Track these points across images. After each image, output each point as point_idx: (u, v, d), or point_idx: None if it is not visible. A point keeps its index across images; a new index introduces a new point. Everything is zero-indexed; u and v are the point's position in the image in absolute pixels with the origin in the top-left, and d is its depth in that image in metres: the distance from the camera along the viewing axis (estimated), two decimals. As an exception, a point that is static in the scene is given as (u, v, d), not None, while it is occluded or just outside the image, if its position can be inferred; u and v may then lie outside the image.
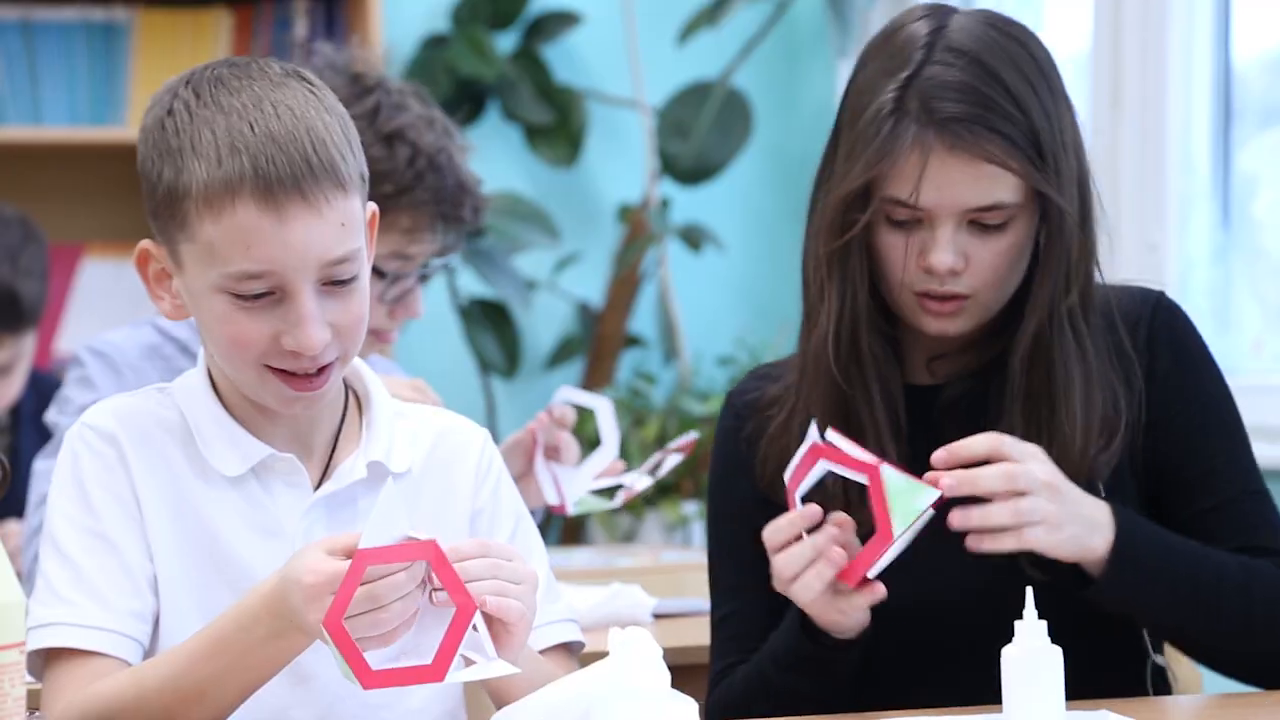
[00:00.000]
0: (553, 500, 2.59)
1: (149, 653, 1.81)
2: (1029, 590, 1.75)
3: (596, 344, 4.55)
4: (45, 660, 1.80)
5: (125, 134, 4.08)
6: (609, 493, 2.62)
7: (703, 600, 2.64)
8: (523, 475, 2.61)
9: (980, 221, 1.95)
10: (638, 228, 4.51)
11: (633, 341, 4.61)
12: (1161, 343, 2.05)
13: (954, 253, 1.95)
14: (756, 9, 4.52)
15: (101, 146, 4.12)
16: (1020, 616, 1.73)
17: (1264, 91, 3.78)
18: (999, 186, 1.94)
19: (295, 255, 1.73)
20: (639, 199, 4.56)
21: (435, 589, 1.65)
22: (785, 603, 1.95)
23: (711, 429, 4.33)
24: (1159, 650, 2.07)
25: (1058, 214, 1.97)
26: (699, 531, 4.20)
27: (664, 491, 4.26)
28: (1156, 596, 1.94)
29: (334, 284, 1.77)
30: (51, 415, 2.66)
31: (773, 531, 1.91)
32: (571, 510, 2.59)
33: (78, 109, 4.14)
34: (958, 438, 1.93)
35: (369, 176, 1.83)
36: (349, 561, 1.61)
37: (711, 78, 4.48)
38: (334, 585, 1.61)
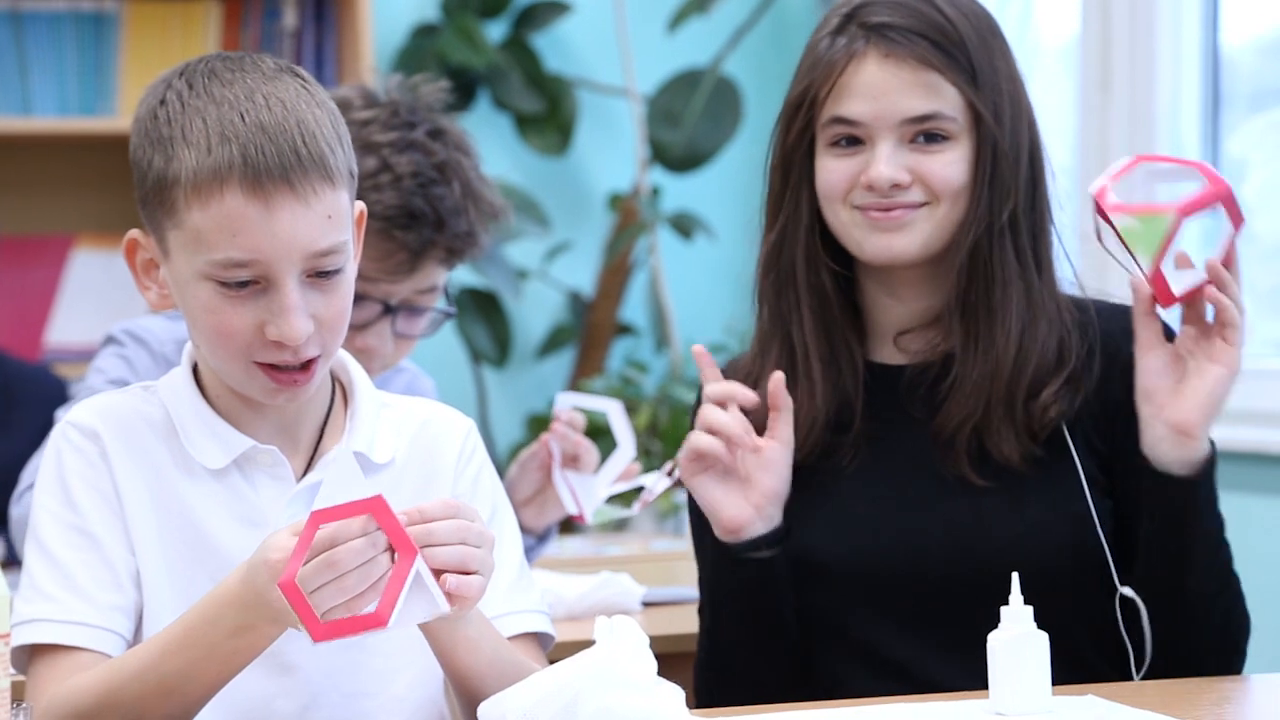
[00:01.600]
0: (573, 510, 2.59)
1: (134, 645, 1.81)
2: (1014, 575, 1.75)
3: (588, 333, 4.55)
4: (30, 655, 1.81)
5: (115, 125, 4.08)
6: (627, 498, 2.62)
7: (693, 589, 2.65)
8: (541, 488, 2.61)
9: (923, 133, 1.98)
10: (628, 216, 4.51)
11: (624, 330, 4.61)
12: (1126, 354, 2.03)
13: (894, 165, 1.98)
14: (746, -4, 4.52)
15: (91, 137, 4.11)
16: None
17: (1252, 76, 3.78)
18: (935, 96, 1.98)
19: (281, 245, 1.74)
20: (629, 187, 4.56)
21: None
22: None
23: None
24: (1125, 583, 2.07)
25: (991, 139, 1.99)
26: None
27: (656, 479, 4.26)
28: (1212, 523, 1.99)
29: (318, 276, 1.78)
30: (79, 386, 2.66)
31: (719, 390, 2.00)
32: (591, 520, 2.59)
33: (67, 100, 4.13)
34: (923, 414, 1.94)
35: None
36: None
37: (702, 66, 4.48)
38: None
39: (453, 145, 2.54)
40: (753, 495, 2.01)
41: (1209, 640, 1.97)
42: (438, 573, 1.65)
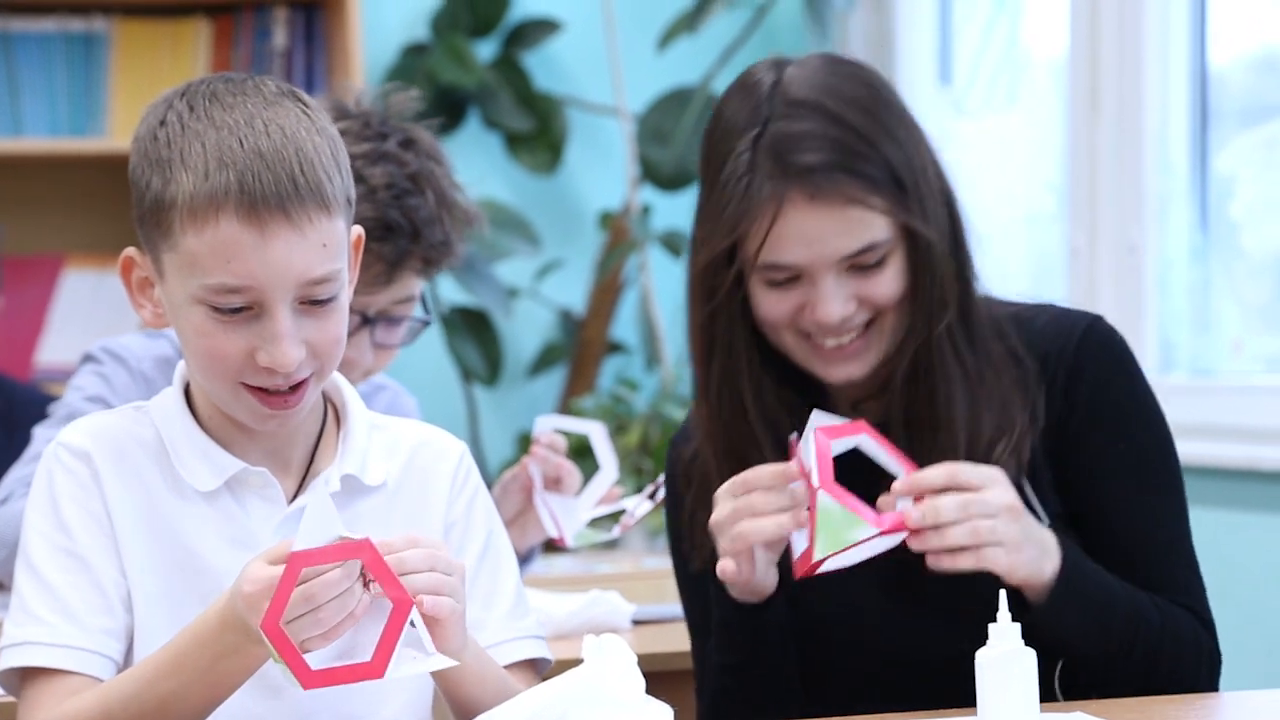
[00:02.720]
0: (553, 533, 2.58)
1: (125, 669, 1.81)
2: (1002, 593, 1.75)
3: (578, 351, 4.55)
4: (20, 679, 1.81)
5: (105, 145, 4.08)
6: (608, 521, 2.62)
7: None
8: (523, 511, 2.60)
9: (859, 264, 1.92)
10: (619, 234, 4.52)
11: (615, 348, 4.61)
12: (1085, 371, 2.01)
13: (841, 301, 1.92)
14: (735, 15, 4.52)
15: (81, 157, 4.12)
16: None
17: (1241, 93, 3.79)
18: (867, 228, 1.91)
19: (275, 273, 1.74)
20: (620, 206, 4.57)
21: (372, 582, 1.66)
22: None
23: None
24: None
25: (925, 243, 1.93)
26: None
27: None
28: (1085, 626, 1.92)
29: (312, 304, 1.78)
30: (58, 404, 2.66)
31: (756, 474, 1.90)
32: (571, 542, 2.59)
33: (57, 120, 4.14)
34: (883, 472, 1.92)
35: None
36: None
37: (691, 84, 4.49)
38: (271, 591, 1.62)
39: (425, 154, 2.54)
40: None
41: (1135, 676, 1.96)
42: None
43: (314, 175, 1.75)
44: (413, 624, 1.64)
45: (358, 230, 1.86)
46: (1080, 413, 2.00)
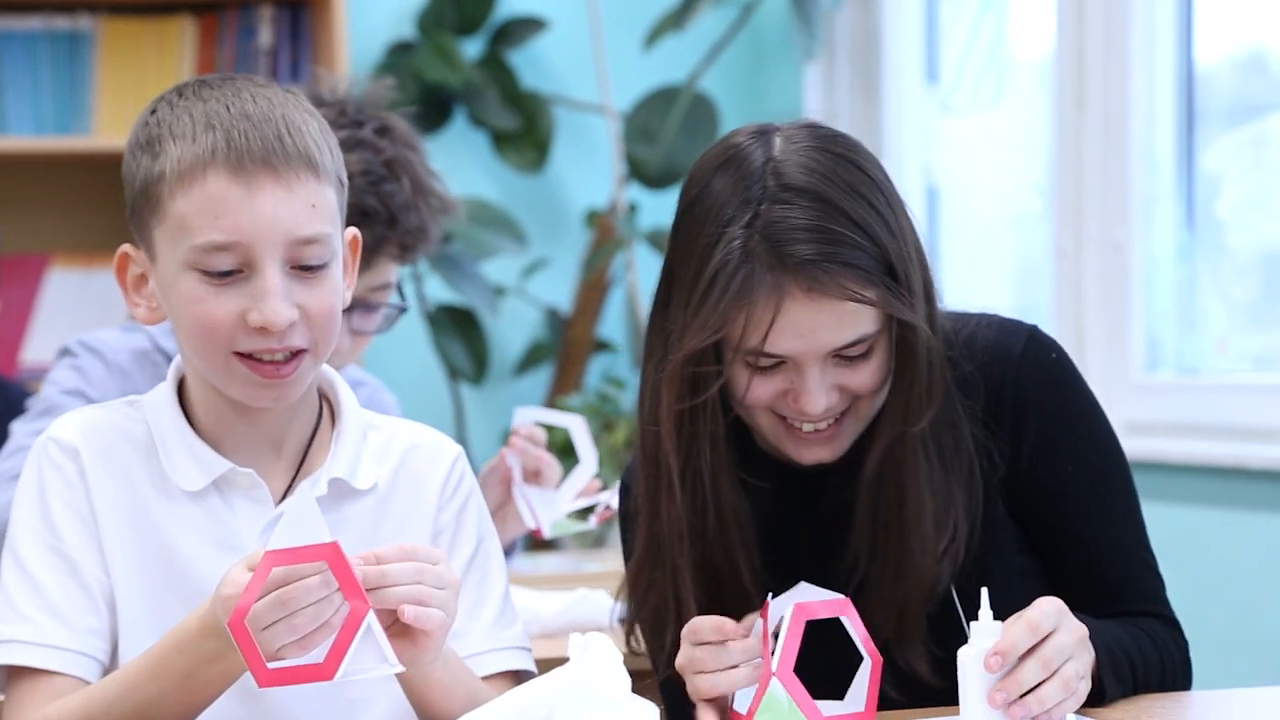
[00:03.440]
0: (530, 524, 2.58)
1: (109, 669, 1.81)
2: (984, 591, 1.75)
3: (565, 349, 4.55)
4: (5, 676, 1.81)
5: (90, 143, 4.08)
6: (584, 513, 2.62)
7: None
8: (502, 503, 2.60)
9: (845, 355, 1.88)
10: (605, 232, 4.52)
11: (602, 346, 4.61)
12: (1031, 399, 1.98)
13: (825, 391, 1.88)
14: (722, 13, 4.52)
15: (66, 156, 4.11)
16: None
17: (1226, 92, 3.80)
18: (860, 321, 1.87)
19: (262, 227, 1.75)
20: (607, 204, 4.57)
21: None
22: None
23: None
24: None
25: (911, 334, 1.90)
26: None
27: (633, 496, 4.26)
28: (1112, 692, 1.90)
29: (302, 269, 1.78)
30: (35, 399, 2.66)
31: (708, 627, 1.83)
32: (548, 533, 2.58)
33: (42, 118, 4.13)
34: (833, 518, 1.90)
35: None
36: None
37: (678, 82, 4.49)
38: None
39: (400, 142, 2.56)
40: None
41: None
42: (393, 620, 1.65)
43: (301, 139, 1.77)
44: (369, 627, 1.63)
45: (353, 231, 1.86)
46: (1031, 440, 1.98)
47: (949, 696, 1.79)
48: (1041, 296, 4.04)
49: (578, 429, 2.60)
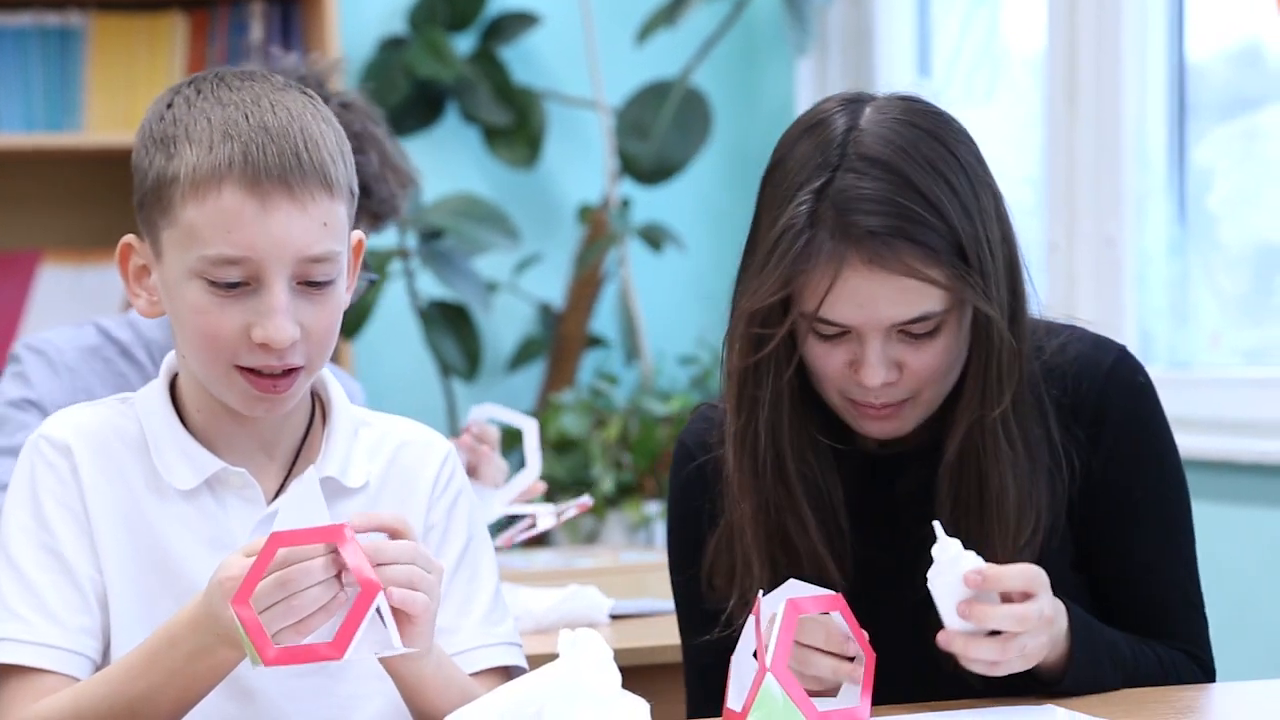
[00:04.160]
0: None
1: (101, 667, 1.81)
2: (936, 524, 1.78)
3: (558, 345, 4.55)
4: None
5: (81, 139, 4.07)
6: (510, 521, 2.63)
7: (661, 601, 2.64)
8: None
9: (910, 331, 1.87)
10: (598, 228, 4.51)
11: (594, 342, 4.61)
12: (1111, 413, 1.98)
13: (885, 366, 1.87)
14: (714, 8, 4.52)
15: (57, 152, 4.10)
16: None
17: (1218, 86, 3.79)
18: (923, 298, 1.85)
19: (274, 245, 1.74)
20: (599, 199, 4.56)
21: (347, 577, 1.65)
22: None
23: (673, 429, 4.34)
24: None
25: (984, 319, 1.88)
26: (660, 531, 4.20)
27: (626, 492, 4.26)
28: (1087, 686, 1.90)
29: (309, 285, 1.78)
30: None
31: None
32: None
33: (33, 115, 4.12)
34: (910, 503, 1.90)
35: None
36: None
37: (670, 77, 4.48)
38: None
39: (365, 117, 2.64)
40: None
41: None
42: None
43: (318, 155, 1.76)
44: (380, 613, 1.63)
45: (358, 234, 1.86)
46: (1104, 454, 1.97)
47: (1021, 680, 1.81)
48: (1033, 291, 4.04)
49: (530, 432, 2.61)
